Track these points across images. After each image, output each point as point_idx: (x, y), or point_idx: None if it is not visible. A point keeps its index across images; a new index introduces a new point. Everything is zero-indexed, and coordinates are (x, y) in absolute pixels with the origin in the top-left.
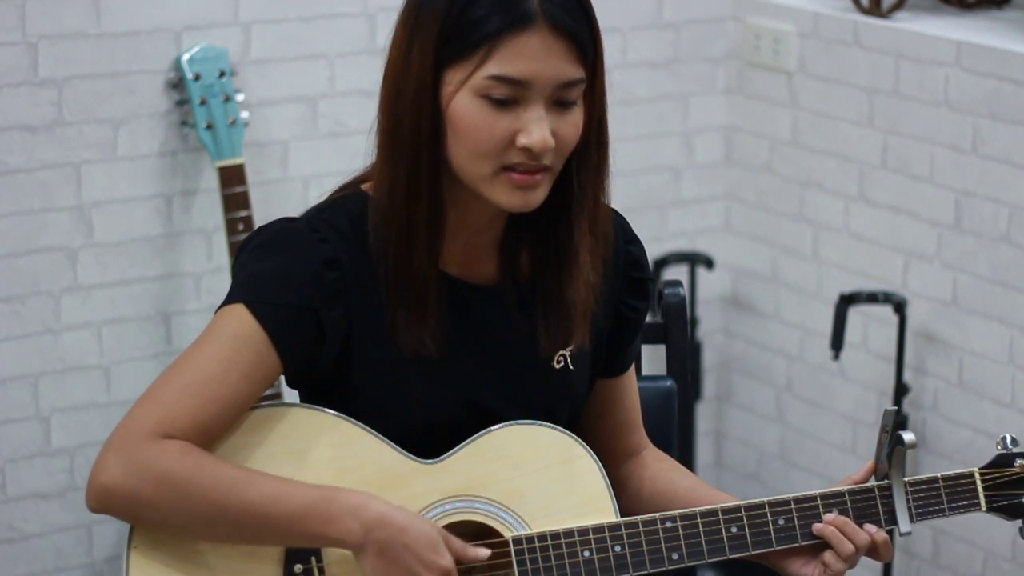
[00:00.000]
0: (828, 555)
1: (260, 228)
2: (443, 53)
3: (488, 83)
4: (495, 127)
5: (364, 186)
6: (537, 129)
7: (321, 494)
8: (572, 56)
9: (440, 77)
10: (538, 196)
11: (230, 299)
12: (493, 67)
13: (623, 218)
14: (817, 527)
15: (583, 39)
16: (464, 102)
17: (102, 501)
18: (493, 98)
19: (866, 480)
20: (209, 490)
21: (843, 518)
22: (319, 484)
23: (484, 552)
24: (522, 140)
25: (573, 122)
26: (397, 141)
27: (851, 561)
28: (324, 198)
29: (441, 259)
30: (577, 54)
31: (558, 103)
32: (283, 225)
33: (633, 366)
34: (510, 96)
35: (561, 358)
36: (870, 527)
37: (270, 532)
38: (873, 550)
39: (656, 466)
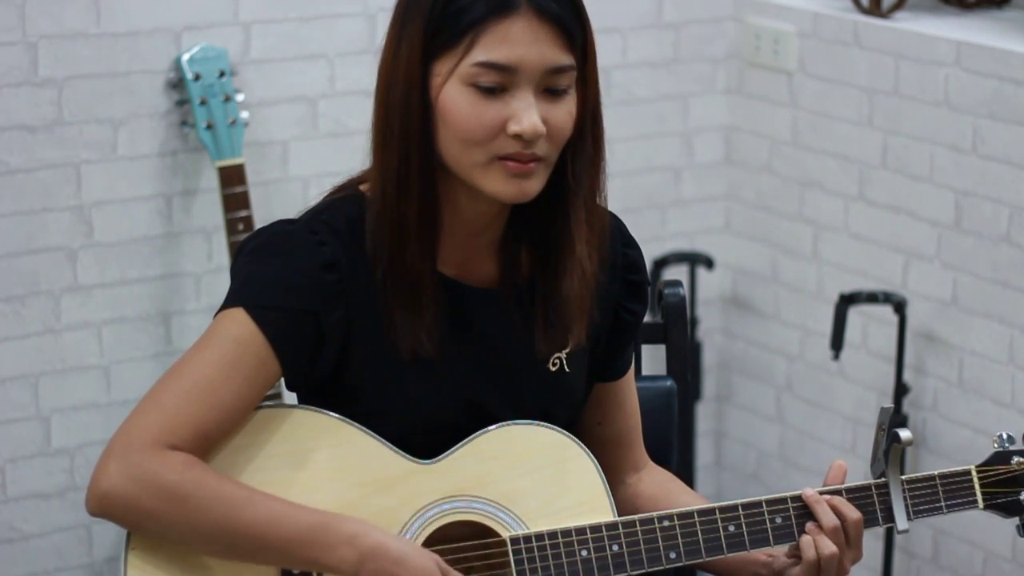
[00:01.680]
0: (809, 525)
1: (258, 231)
2: (431, 46)
3: (475, 70)
4: (484, 115)
5: (362, 187)
6: (527, 116)
7: (319, 520)
8: (559, 42)
9: (429, 71)
10: (533, 186)
11: (229, 303)
12: (479, 54)
13: (620, 221)
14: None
15: (570, 24)
16: (452, 92)
17: (102, 506)
18: (481, 86)
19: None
20: (209, 507)
21: (839, 498)
22: (318, 509)
23: None
24: (513, 127)
25: (566, 110)
26: (388, 137)
27: (836, 537)
28: (321, 199)
29: (440, 261)
30: (564, 40)
31: (549, 91)
32: (281, 228)
33: (632, 374)
34: (498, 83)
35: (557, 360)
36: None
37: (266, 554)
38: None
39: (667, 486)
